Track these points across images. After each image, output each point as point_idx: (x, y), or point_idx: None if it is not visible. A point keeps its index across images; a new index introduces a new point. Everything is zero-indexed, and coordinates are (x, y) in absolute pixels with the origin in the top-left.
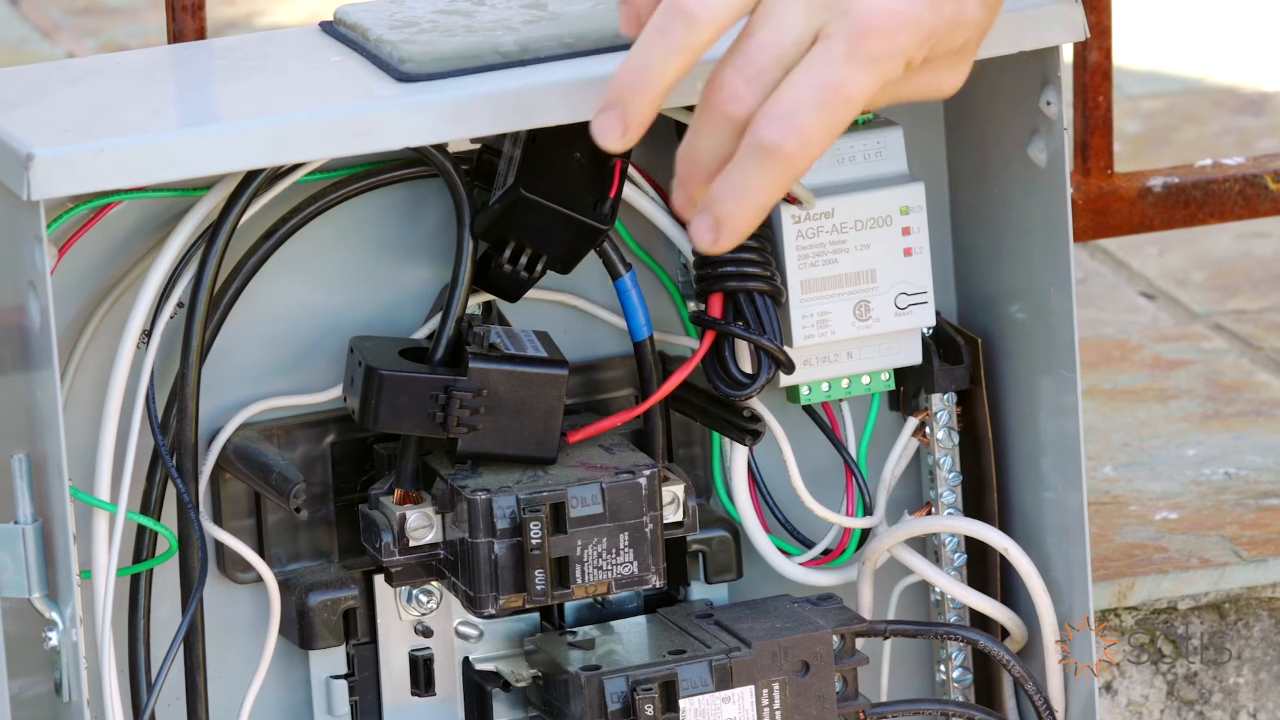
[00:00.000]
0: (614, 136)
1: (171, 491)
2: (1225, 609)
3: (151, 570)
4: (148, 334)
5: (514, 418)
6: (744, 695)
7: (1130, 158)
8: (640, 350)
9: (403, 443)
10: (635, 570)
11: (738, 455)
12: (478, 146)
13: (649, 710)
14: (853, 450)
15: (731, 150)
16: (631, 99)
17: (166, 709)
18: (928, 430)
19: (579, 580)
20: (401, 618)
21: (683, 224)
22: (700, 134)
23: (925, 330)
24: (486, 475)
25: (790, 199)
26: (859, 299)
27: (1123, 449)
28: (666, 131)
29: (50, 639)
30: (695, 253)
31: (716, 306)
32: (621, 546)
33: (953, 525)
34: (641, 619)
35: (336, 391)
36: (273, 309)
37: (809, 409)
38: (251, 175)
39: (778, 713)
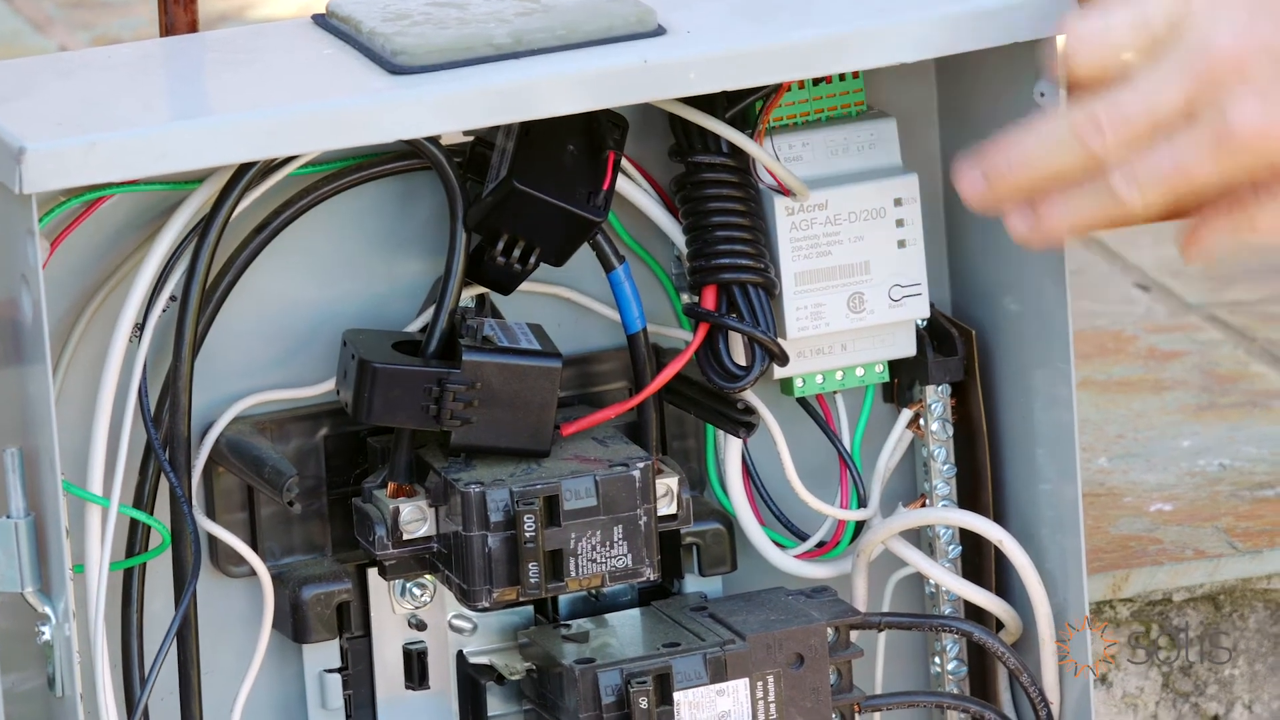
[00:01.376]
0: (973, 195)
1: (164, 485)
2: (1220, 600)
3: (144, 564)
4: (140, 328)
5: (507, 410)
6: (739, 688)
7: None
8: (634, 343)
9: (396, 436)
10: (629, 563)
11: (732, 447)
12: (470, 139)
13: (643, 703)
14: (847, 442)
15: (1057, 164)
16: (1000, 185)
17: (160, 703)
18: (922, 422)
19: (573, 573)
20: (395, 611)
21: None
22: (1043, 139)
23: (919, 322)
24: (480, 468)
25: (783, 190)
26: (853, 291)
27: (1117, 440)
28: (660, 124)
29: (43, 633)
30: (689, 245)
31: (710, 299)
32: (615, 539)
33: (947, 517)
34: (635, 612)
35: (329, 385)
36: (265, 302)
37: (803, 401)
38: (244, 168)
39: (772, 705)
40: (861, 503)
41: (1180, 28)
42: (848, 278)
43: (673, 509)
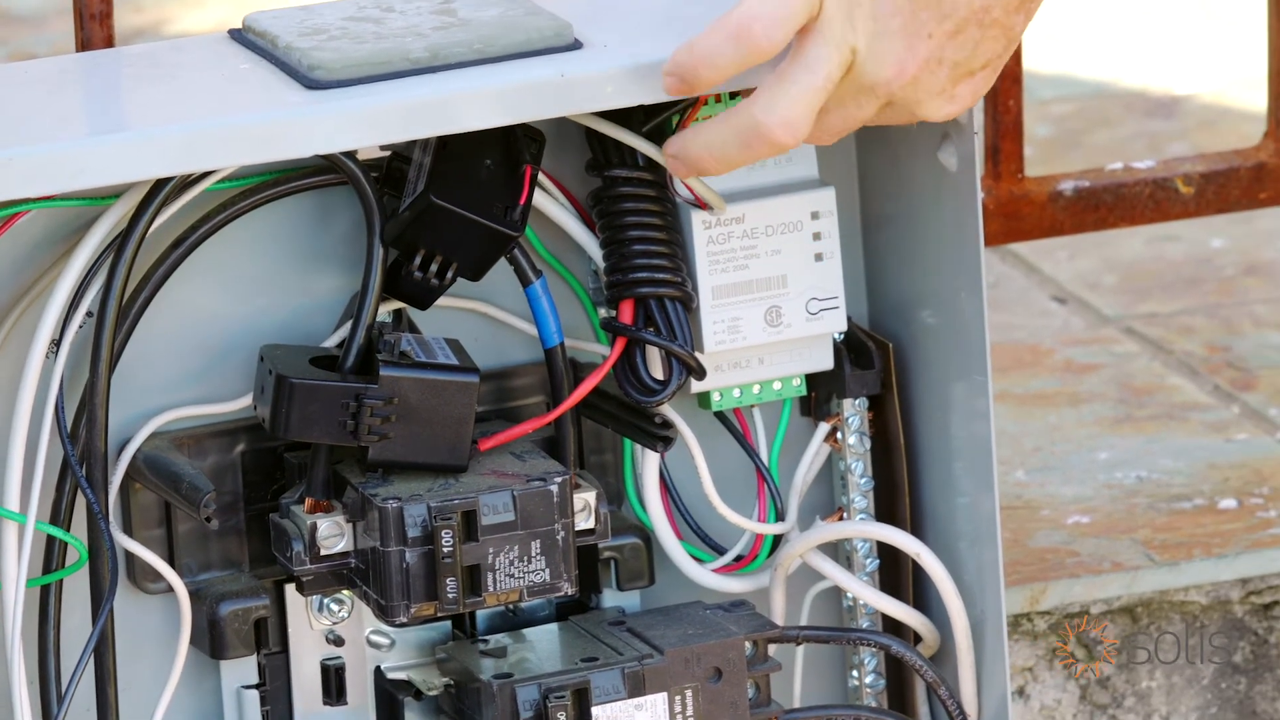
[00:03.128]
0: (677, 93)
1: (81, 501)
2: (1138, 612)
3: (61, 581)
4: (57, 343)
5: (425, 426)
6: (657, 702)
7: (1041, 162)
8: (551, 357)
9: (313, 451)
10: (547, 578)
11: (649, 462)
12: (388, 154)
13: (561, 718)
14: (764, 456)
15: (753, 160)
16: (697, 77)
17: None
18: (839, 435)
19: (491, 588)
20: (313, 627)
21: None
22: (733, 143)
23: (837, 335)
24: (397, 483)
25: (700, 204)
26: (770, 304)
27: (1035, 453)
28: (577, 138)
29: None
30: (606, 260)
31: (627, 313)
32: (533, 554)
33: (865, 530)
34: (554, 627)
35: (247, 400)
36: (182, 318)
37: (720, 415)
38: (160, 184)
39: (691, 719)
40: (779, 516)
41: (851, 72)
42: (765, 291)
43: (590, 524)
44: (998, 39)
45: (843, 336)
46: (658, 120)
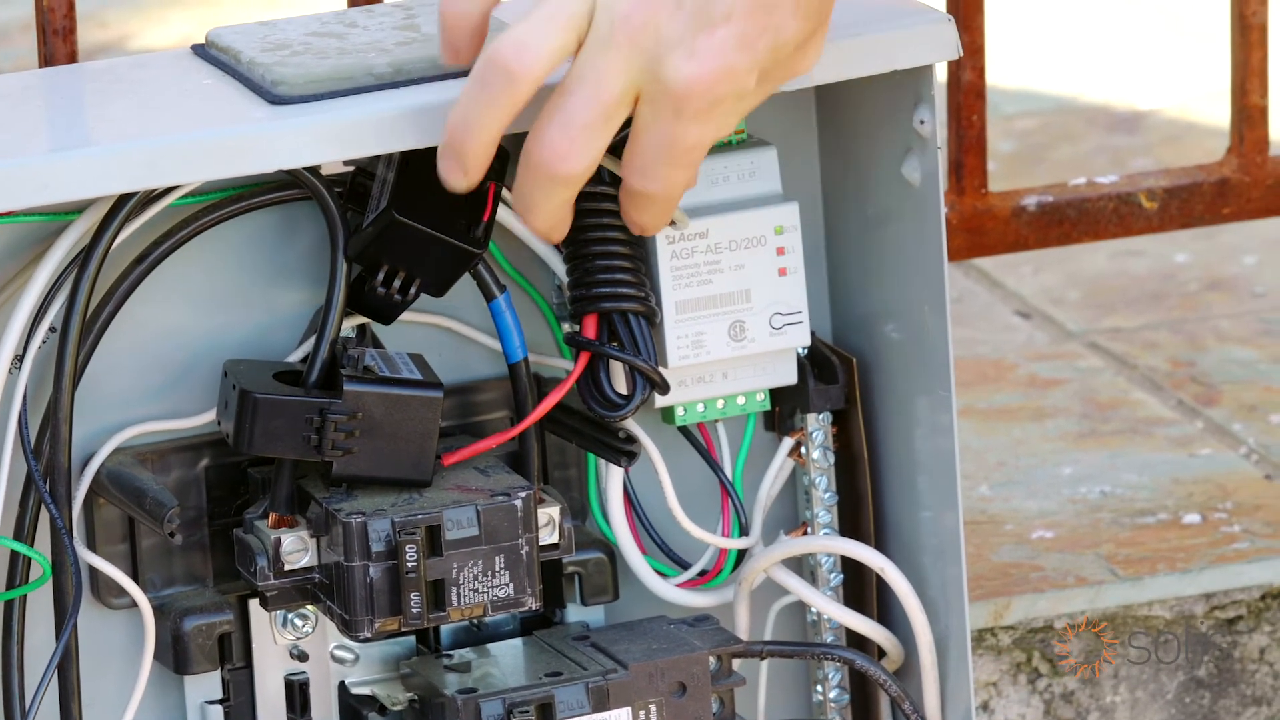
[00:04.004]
0: (458, 180)
1: (45, 517)
2: (1101, 631)
3: (25, 596)
4: (19, 359)
5: (389, 440)
6: (621, 717)
7: (1004, 176)
8: (515, 372)
9: (277, 466)
10: (511, 593)
11: (613, 477)
12: (351, 169)
13: None
14: (728, 471)
15: (561, 200)
16: (464, 148)
17: None
18: (803, 450)
19: (455, 603)
20: (277, 642)
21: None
22: (530, 189)
23: (800, 350)
24: (361, 498)
25: None
26: (734, 319)
27: (998, 468)
28: None
29: None
30: (570, 274)
31: (591, 328)
32: (497, 569)
33: (829, 545)
34: (518, 641)
35: (210, 415)
36: (146, 333)
37: (684, 430)
38: (124, 199)
39: None
40: (743, 531)
41: (593, 12)
42: (729, 306)
43: (555, 538)
44: None
45: (806, 351)
46: (622, 133)
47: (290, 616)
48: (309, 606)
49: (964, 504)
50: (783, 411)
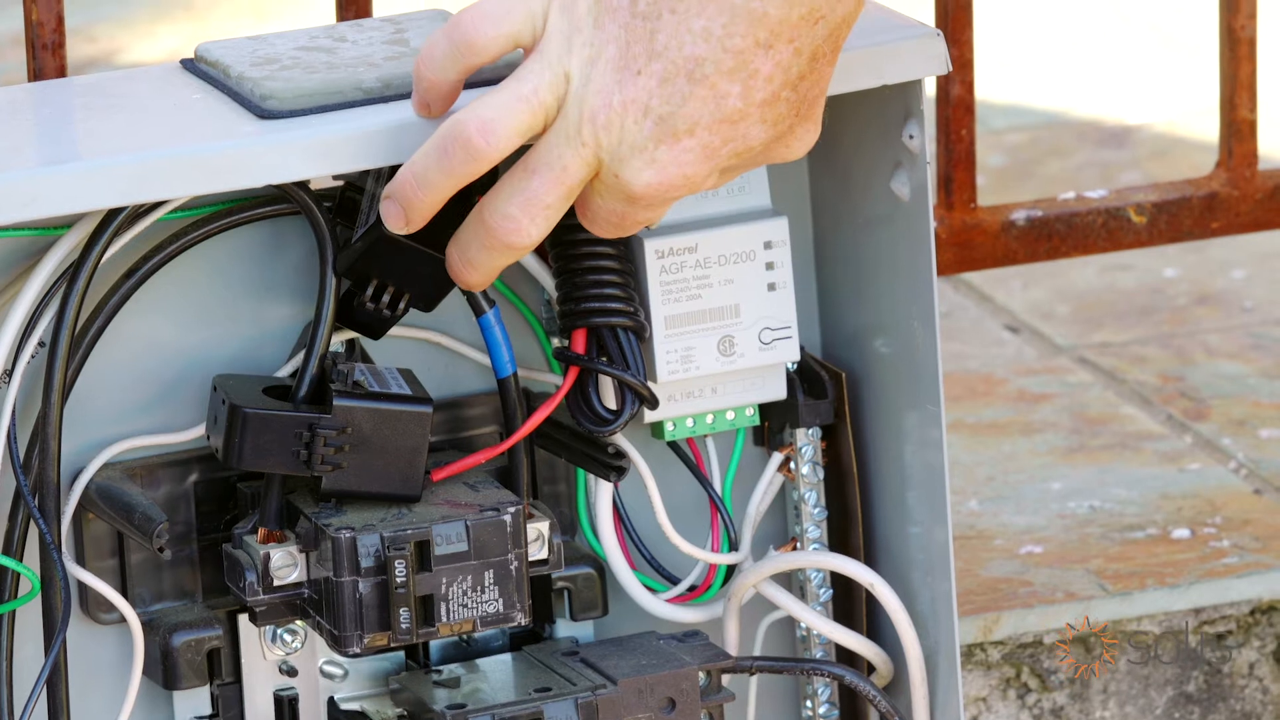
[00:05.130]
0: (397, 226)
1: (34, 532)
2: (1091, 642)
3: (14, 611)
4: (9, 373)
5: (378, 455)
6: None
7: (994, 191)
8: (504, 387)
9: (266, 481)
10: (500, 608)
11: (602, 491)
12: (340, 184)
13: None
14: (718, 486)
15: (502, 264)
16: (411, 202)
17: None
18: (793, 465)
19: (444, 618)
20: (266, 657)
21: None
22: (477, 249)
23: (790, 365)
24: (351, 513)
25: None
26: (723, 334)
27: (988, 483)
28: None
29: None
30: (559, 289)
31: (580, 342)
32: (486, 584)
33: (818, 560)
34: (507, 657)
35: (200, 430)
36: (135, 348)
37: (674, 445)
38: (113, 213)
39: None
40: (733, 546)
41: (564, 102)
42: (718, 321)
43: (544, 554)
44: (706, 101)
45: (796, 366)
46: None
47: (279, 632)
48: (298, 622)
49: (953, 519)
50: (772, 426)
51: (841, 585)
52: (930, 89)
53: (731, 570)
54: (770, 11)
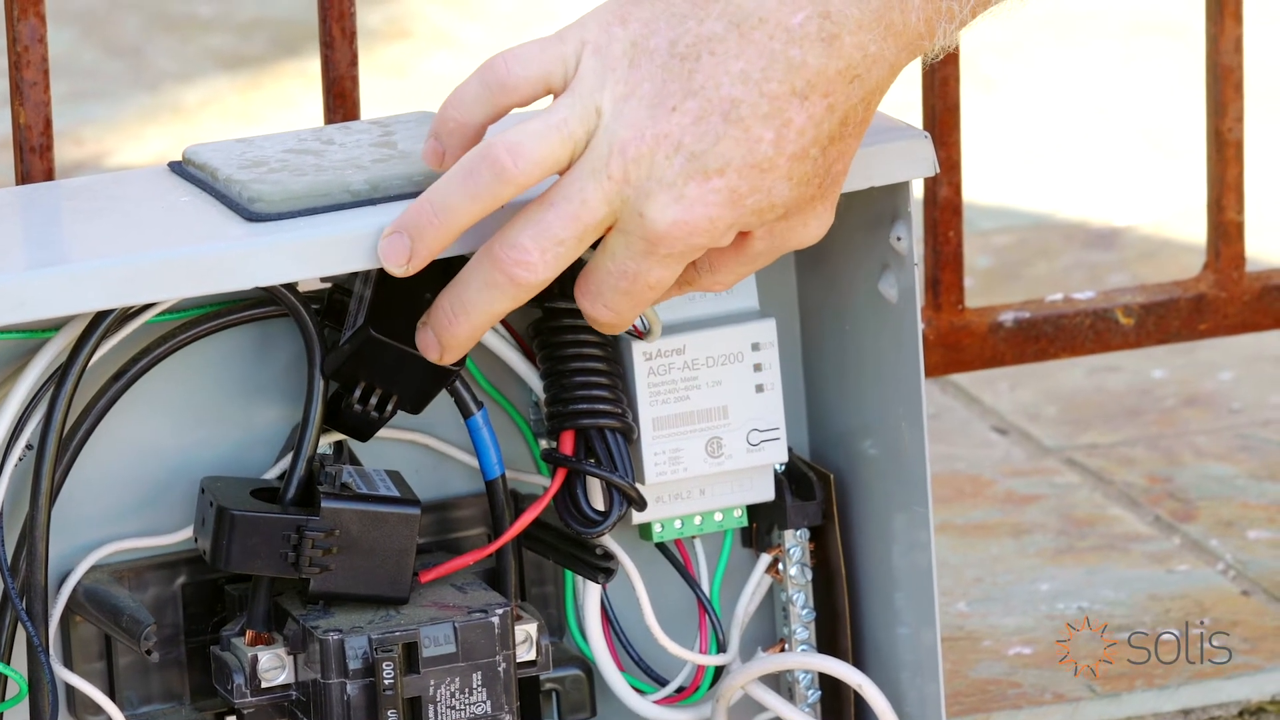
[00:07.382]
0: (398, 262)
1: (21, 635)
2: None
3: (1, 714)
4: None
5: (366, 557)
6: None
7: (981, 292)
8: (492, 489)
9: (254, 583)
10: (488, 710)
11: (591, 593)
12: (328, 286)
13: None
14: (706, 587)
15: (499, 311)
16: (424, 231)
17: None
18: (781, 567)
19: None
20: None
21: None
22: (477, 288)
23: (778, 466)
24: (339, 615)
25: (636, 332)
26: (711, 435)
27: (976, 584)
28: None
29: None
30: (546, 390)
31: (568, 444)
32: (475, 686)
33: (806, 662)
34: None
35: (187, 532)
36: (123, 450)
37: (662, 546)
38: (101, 316)
39: None
40: (721, 647)
41: (593, 136)
42: (706, 422)
43: (532, 655)
44: (739, 142)
45: (784, 467)
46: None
47: None
48: None
49: (942, 620)
50: (760, 528)
51: (830, 686)
52: (918, 190)
53: (720, 671)
54: (809, 61)
